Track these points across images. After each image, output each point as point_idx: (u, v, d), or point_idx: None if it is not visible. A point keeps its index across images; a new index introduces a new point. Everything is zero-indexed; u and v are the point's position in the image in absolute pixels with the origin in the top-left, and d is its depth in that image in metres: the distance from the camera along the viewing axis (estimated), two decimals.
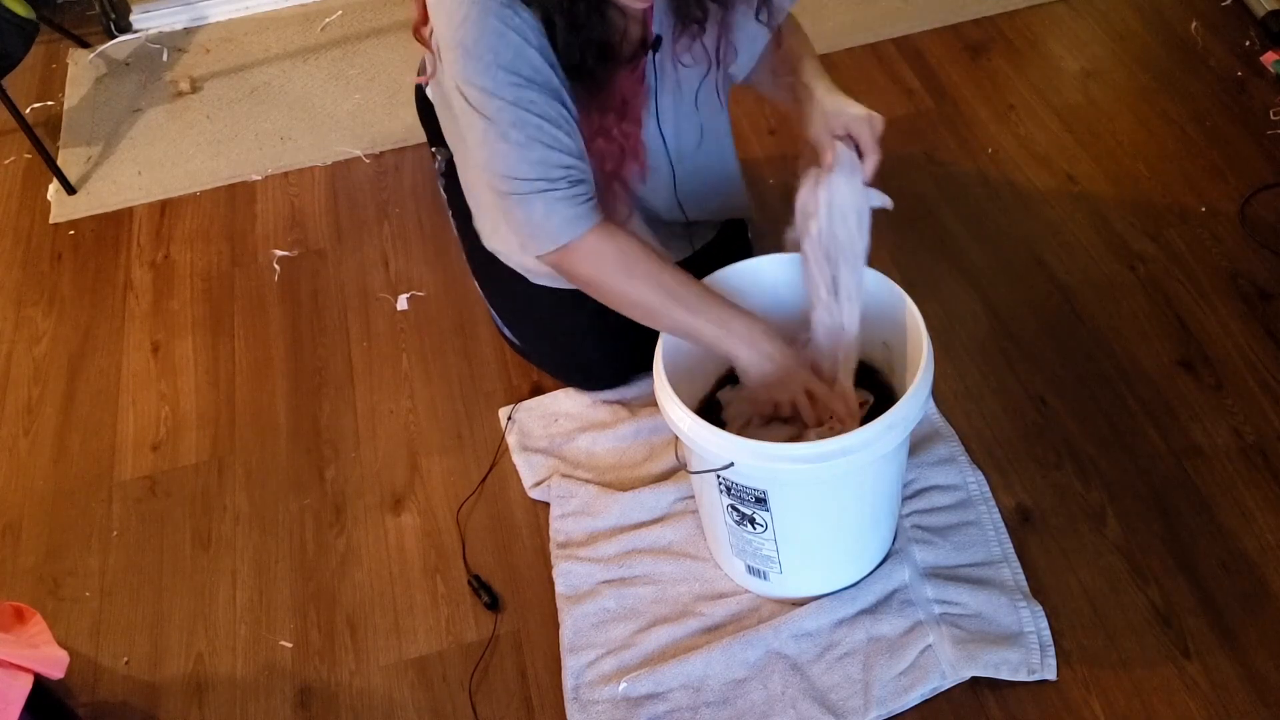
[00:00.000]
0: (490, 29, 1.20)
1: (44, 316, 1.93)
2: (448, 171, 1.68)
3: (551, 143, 1.26)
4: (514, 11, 1.20)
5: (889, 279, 1.34)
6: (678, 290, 1.31)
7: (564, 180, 1.28)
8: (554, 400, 1.68)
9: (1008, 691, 1.33)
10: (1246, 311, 1.69)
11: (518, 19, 1.20)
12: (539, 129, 1.25)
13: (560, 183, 1.28)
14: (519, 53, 1.21)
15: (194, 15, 2.50)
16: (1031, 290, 1.76)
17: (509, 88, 1.23)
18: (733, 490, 1.27)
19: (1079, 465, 1.54)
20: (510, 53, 1.21)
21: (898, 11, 2.29)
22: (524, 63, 1.22)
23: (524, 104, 1.23)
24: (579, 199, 1.30)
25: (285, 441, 1.70)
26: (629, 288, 1.33)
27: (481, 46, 1.21)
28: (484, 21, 1.20)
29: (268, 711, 1.42)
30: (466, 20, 1.20)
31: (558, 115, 1.26)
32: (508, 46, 1.21)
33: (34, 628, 1.33)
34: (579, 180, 1.30)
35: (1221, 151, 1.93)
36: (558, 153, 1.27)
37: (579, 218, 1.30)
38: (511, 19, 1.20)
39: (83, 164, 2.20)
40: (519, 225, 1.32)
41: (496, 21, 1.20)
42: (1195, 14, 2.19)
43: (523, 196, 1.28)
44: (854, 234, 1.32)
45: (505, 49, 1.21)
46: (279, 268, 1.96)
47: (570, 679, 1.39)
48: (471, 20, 1.20)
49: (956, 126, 2.04)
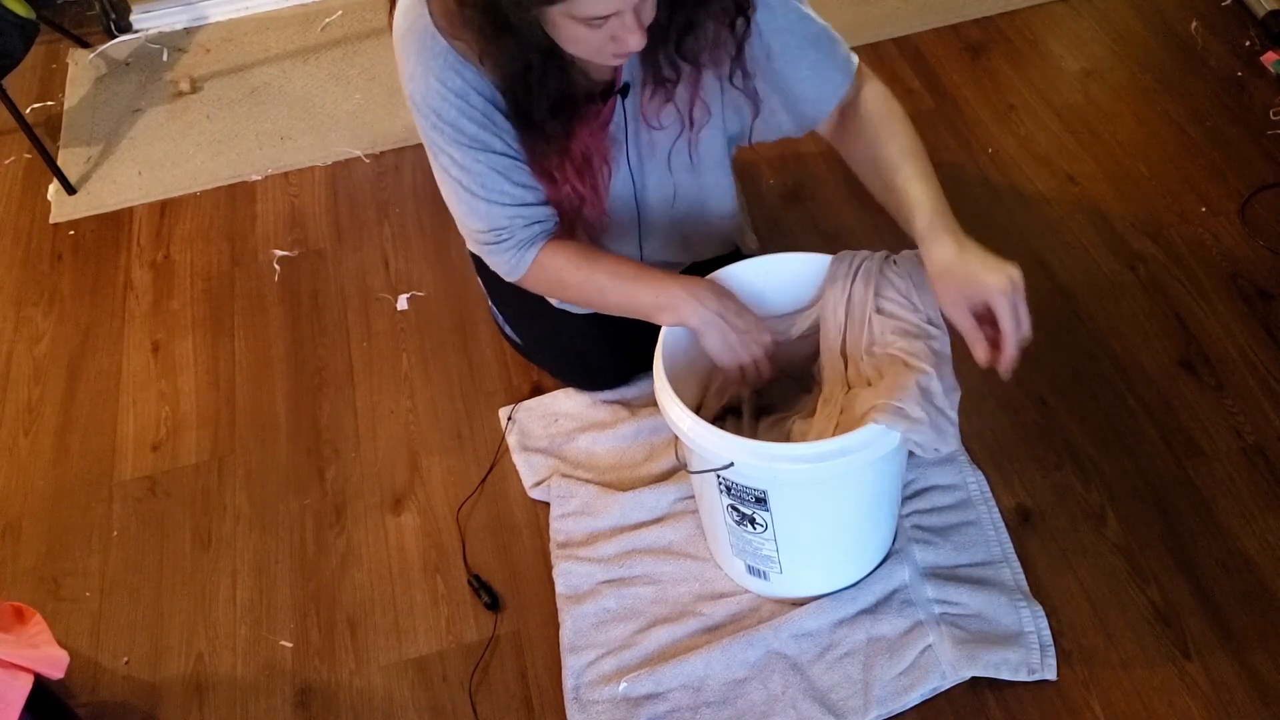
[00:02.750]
0: (432, 90, 1.23)
1: (44, 316, 1.93)
2: None
3: (497, 197, 1.31)
4: (456, 73, 1.22)
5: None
6: (609, 280, 1.36)
7: (507, 230, 1.34)
8: (554, 400, 1.68)
9: (1008, 691, 1.33)
10: (1246, 311, 1.69)
11: (459, 80, 1.22)
12: (486, 185, 1.30)
13: (504, 232, 1.34)
14: (462, 113, 1.24)
15: (194, 15, 2.50)
16: (1031, 290, 1.72)
17: (453, 146, 1.27)
18: (733, 490, 1.27)
19: (1079, 465, 1.54)
20: (454, 113, 1.24)
21: (898, 11, 2.29)
22: (469, 122, 1.25)
23: (471, 162, 1.28)
24: (521, 243, 1.36)
25: (285, 441, 1.70)
26: (571, 294, 1.41)
27: (425, 106, 1.25)
28: (426, 82, 1.23)
29: (268, 711, 1.42)
30: (412, 78, 1.24)
31: (506, 167, 1.30)
32: (450, 108, 1.24)
33: (34, 628, 1.33)
34: (523, 223, 1.34)
35: (1221, 151, 1.93)
36: (501, 207, 1.32)
37: (519, 262, 1.37)
38: (452, 80, 1.22)
39: (83, 164, 2.20)
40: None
41: (437, 84, 1.22)
42: (1195, 14, 2.19)
43: (475, 245, 1.38)
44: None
45: (448, 110, 1.24)
46: (279, 268, 1.96)
47: (570, 679, 1.39)
48: (416, 79, 1.24)
49: (956, 126, 2.04)
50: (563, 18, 1.11)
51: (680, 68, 1.28)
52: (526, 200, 1.33)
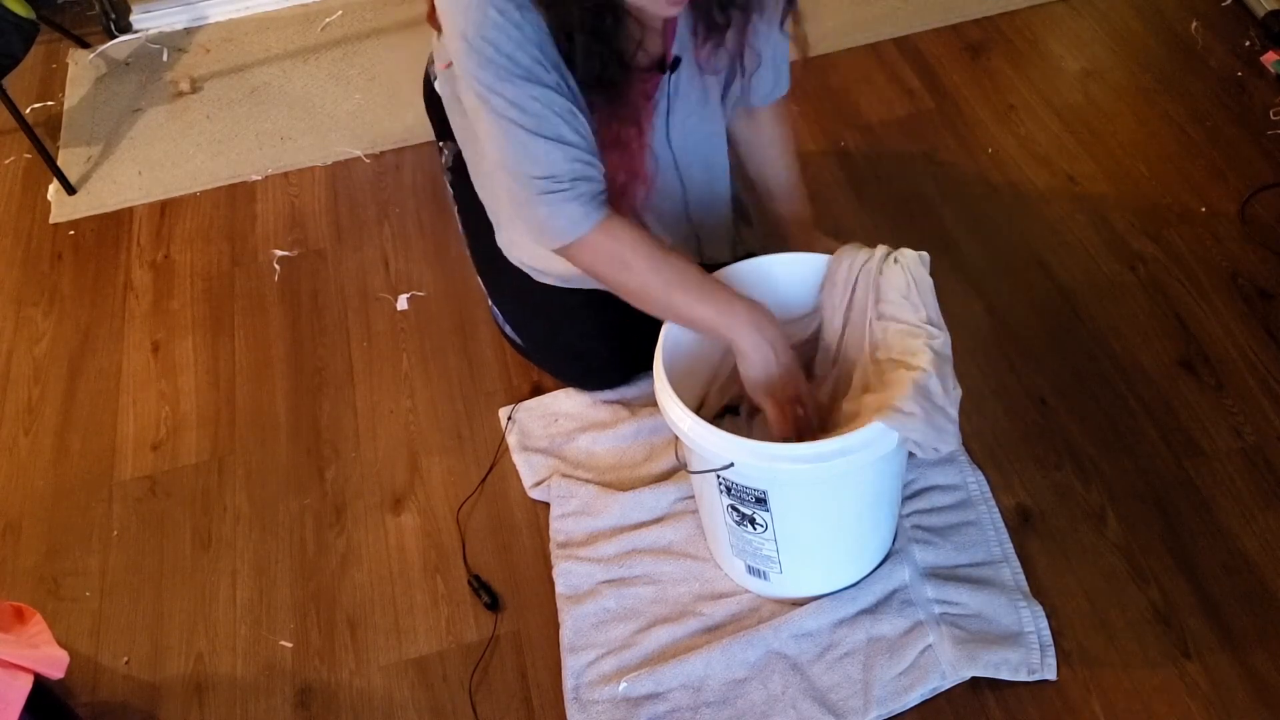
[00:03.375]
0: (490, 21, 1.19)
1: (44, 316, 1.93)
2: (454, 166, 1.67)
3: (557, 138, 1.25)
4: (514, 5, 1.19)
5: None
6: (678, 279, 1.30)
7: (569, 177, 1.27)
8: (554, 400, 1.68)
9: (1008, 691, 1.33)
10: (1246, 311, 1.69)
11: (517, 13, 1.19)
12: (542, 124, 1.24)
13: (565, 180, 1.27)
14: (519, 46, 1.20)
15: (194, 15, 2.50)
16: (1031, 290, 1.76)
17: (511, 81, 1.22)
18: (733, 490, 1.27)
19: (1079, 465, 1.54)
20: (510, 45, 1.20)
21: (898, 11, 2.29)
22: (524, 55, 1.21)
23: (526, 99, 1.22)
24: (584, 197, 1.28)
25: (285, 441, 1.70)
26: (628, 278, 1.32)
27: (481, 39, 1.20)
28: (483, 12, 1.19)
29: (268, 711, 1.42)
30: (466, 11, 1.20)
31: (563, 109, 1.24)
32: (507, 39, 1.20)
33: (34, 628, 1.33)
34: (585, 177, 1.28)
35: (1221, 151, 1.93)
36: (564, 147, 1.25)
37: (584, 216, 1.29)
38: (511, 12, 1.19)
39: (83, 164, 2.20)
40: (527, 221, 1.33)
41: (495, 13, 1.18)
42: (1195, 14, 2.19)
43: (530, 195, 1.28)
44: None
45: (505, 41, 1.20)
46: (279, 268, 1.96)
47: (570, 679, 1.39)
48: (471, 10, 1.19)
49: (956, 126, 2.04)
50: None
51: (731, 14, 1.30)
52: (587, 151, 1.27)
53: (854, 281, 1.33)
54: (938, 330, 1.27)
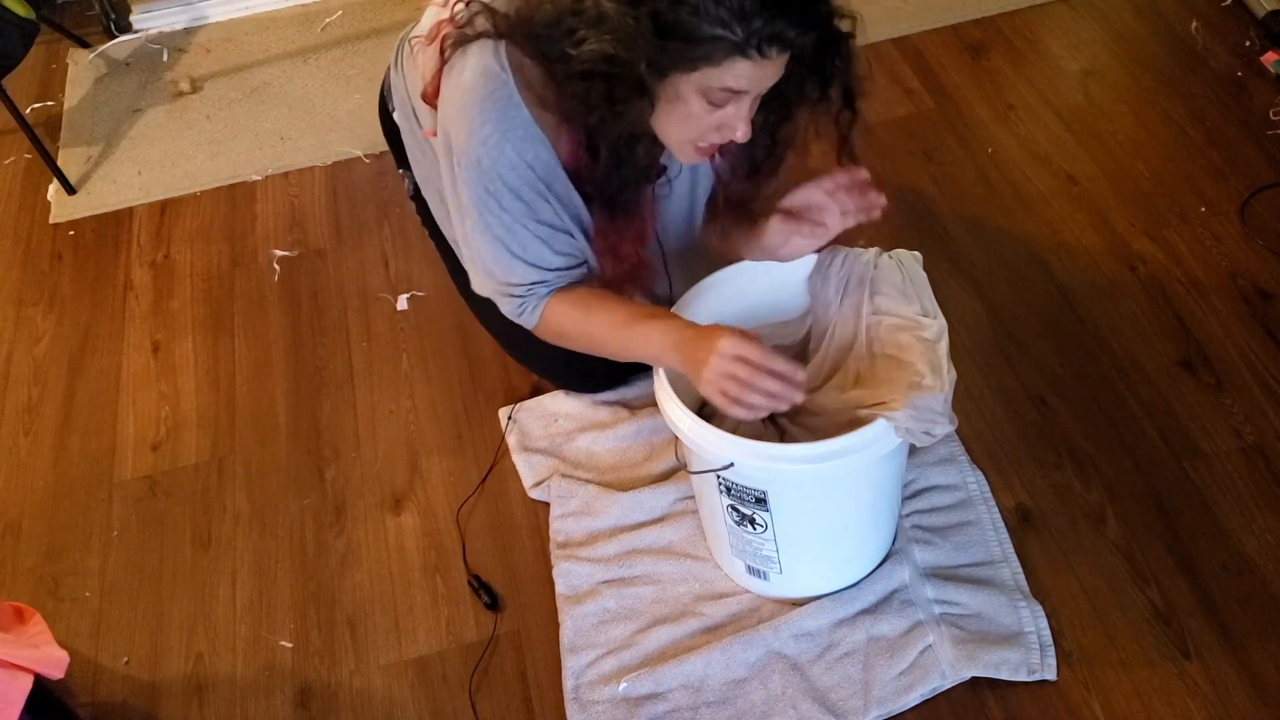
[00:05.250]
0: (505, 158, 1.24)
1: (44, 316, 1.93)
2: (416, 195, 1.65)
3: (536, 261, 1.32)
4: (532, 144, 1.23)
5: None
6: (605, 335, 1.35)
7: (530, 287, 1.35)
8: (554, 400, 1.67)
9: (1008, 691, 1.33)
10: (1246, 311, 1.69)
11: (533, 151, 1.24)
12: (526, 250, 1.31)
13: (526, 289, 1.35)
14: (528, 184, 1.26)
15: (194, 15, 2.50)
16: (1031, 290, 1.76)
17: (505, 211, 1.28)
18: (733, 490, 1.27)
19: (1079, 465, 1.54)
20: (519, 183, 1.26)
21: (898, 11, 2.29)
22: (529, 191, 1.27)
23: (518, 227, 1.29)
24: (535, 296, 1.36)
25: (285, 441, 1.70)
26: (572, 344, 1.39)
27: (493, 171, 1.25)
28: (501, 149, 1.23)
29: (268, 711, 1.42)
30: (485, 142, 1.23)
31: (549, 235, 1.31)
32: (518, 178, 1.25)
33: (34, 628, 1.33)
34: (543, 281, 1.35)
35: (1221, 151, 1.93)
36: (537, 269, 1.33)
37: (530, 311, 1.37)
38: (528, 151, 1.24)
39: (83, 164, 2.20)
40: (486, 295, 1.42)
41: (513, 153, 1.23)
42: (1195, 14, 2.19)
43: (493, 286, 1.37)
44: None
45: (515, 179, 1.25)
46: (279, 268, 1.96)
47: (570, 679, 1.39)
48: (490, 144, 1.23)
49: (956, 126, 2.04)
50: (690, 90, 1.13)
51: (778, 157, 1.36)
52: (558, 265, 1.35)
53: (845, 282, 1.34)
54: (930, 319, 1.27)
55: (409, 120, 1.51)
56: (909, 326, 1.28)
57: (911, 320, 1.29)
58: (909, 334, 1.28)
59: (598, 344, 1.37)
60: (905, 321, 1.29)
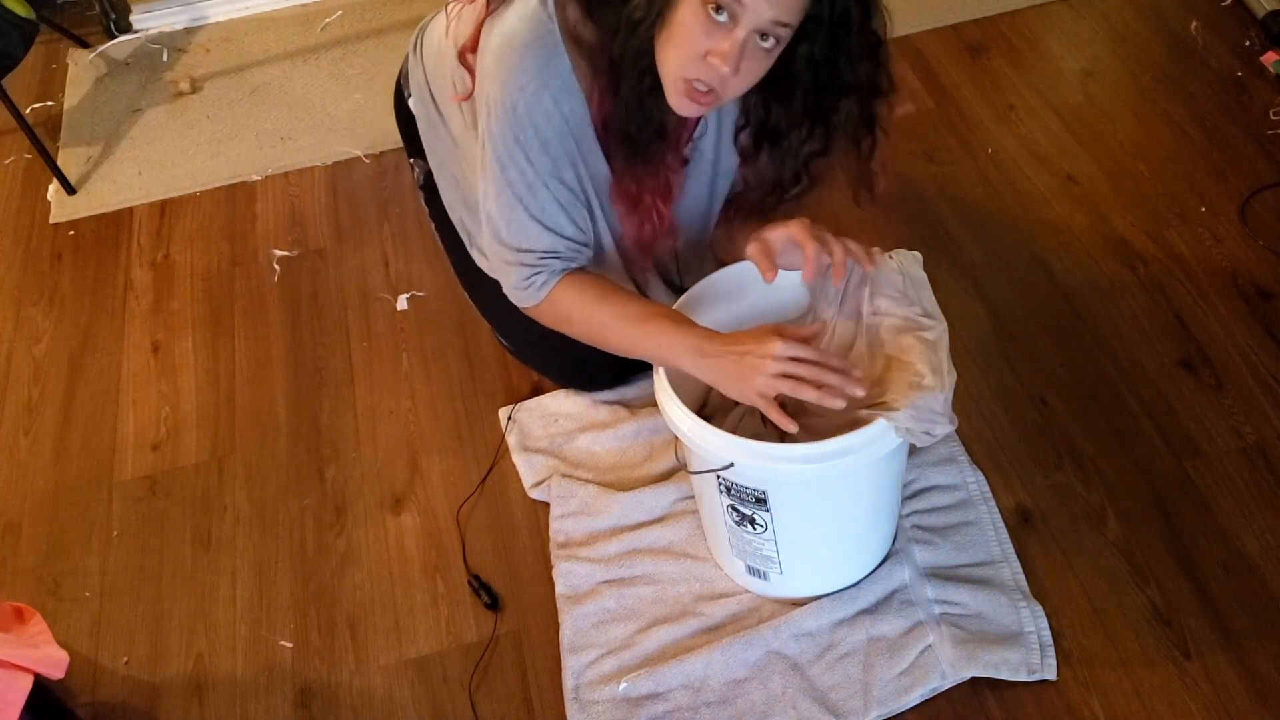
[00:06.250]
0: (541, 106, 1.25)
1: (44, 316, 1.93)
2: (426, 185, 1.66)
3: (553, 227, 1.33)
4: (569, 95, 1.25)
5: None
6: (614, 325, 1.34)
7: (542, 255, 1.35)
8: (554, 400, 1.68)
9: (1008, 691, 1.33)
10: (1246, 311, 1.69)
11: (569, 103, 1.26)
12: (544, 213, 1.32)
13: (538, 256, 1.35)
14: (559, 136, 1.27)
15: (194, 15, 2.50)
16: (1031, 290, 1.76)
17: (534, 166, 1.29)
18: (733, 490, 1.27)
19: (1079, 465, 1.54)
20: (550, 132, 1.27)
21: (898, 11, 2.25)
22: (558, 145, 1.28)
23: (540, 186, 1.30)
24: (546, 270, 1.36)
25: (285, 441, 1.70)
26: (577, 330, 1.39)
27: (527, 118, 1.25)
28: (539, 96, 1.24)
29: (268, 711, 1.42)
30: (523, 89, 1.24)
31: (569, 201, 1.32)
32: (550, 127, 1.27)
33: (34, 628, 1.33)
34: (556, 254, 1.35)
35: (1221, 151, 1.93)
36: (551, 234, 1.33)
37: (541, 285, 1.36)
38: (565, 102, 1.26)
39: (83, 164, 2.20)
40: (494, 273, 1.42)
41: (550, 101, 1.25)
42: (1195, 14, 2.19)
43: (506, 253, 1.37)
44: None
45: (547, 128, 1.27)
46: (279, 268, 1.96)
47: (570, 679, 1.39)
48: (528, 91, 1.24)
49: (956, 126, 2.04)
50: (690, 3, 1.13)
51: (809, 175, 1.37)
52: (571, 235, 1.35)
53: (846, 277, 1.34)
54: (931, 321, 1.27)
55: (426, 105, 1.53)
56: (909, 327, 1.28)
57: (912, 321, 1.29)
58: (909, 334, 1.28)
59: (602, 334, 1.36)
60: (906, 322, 1.29)
